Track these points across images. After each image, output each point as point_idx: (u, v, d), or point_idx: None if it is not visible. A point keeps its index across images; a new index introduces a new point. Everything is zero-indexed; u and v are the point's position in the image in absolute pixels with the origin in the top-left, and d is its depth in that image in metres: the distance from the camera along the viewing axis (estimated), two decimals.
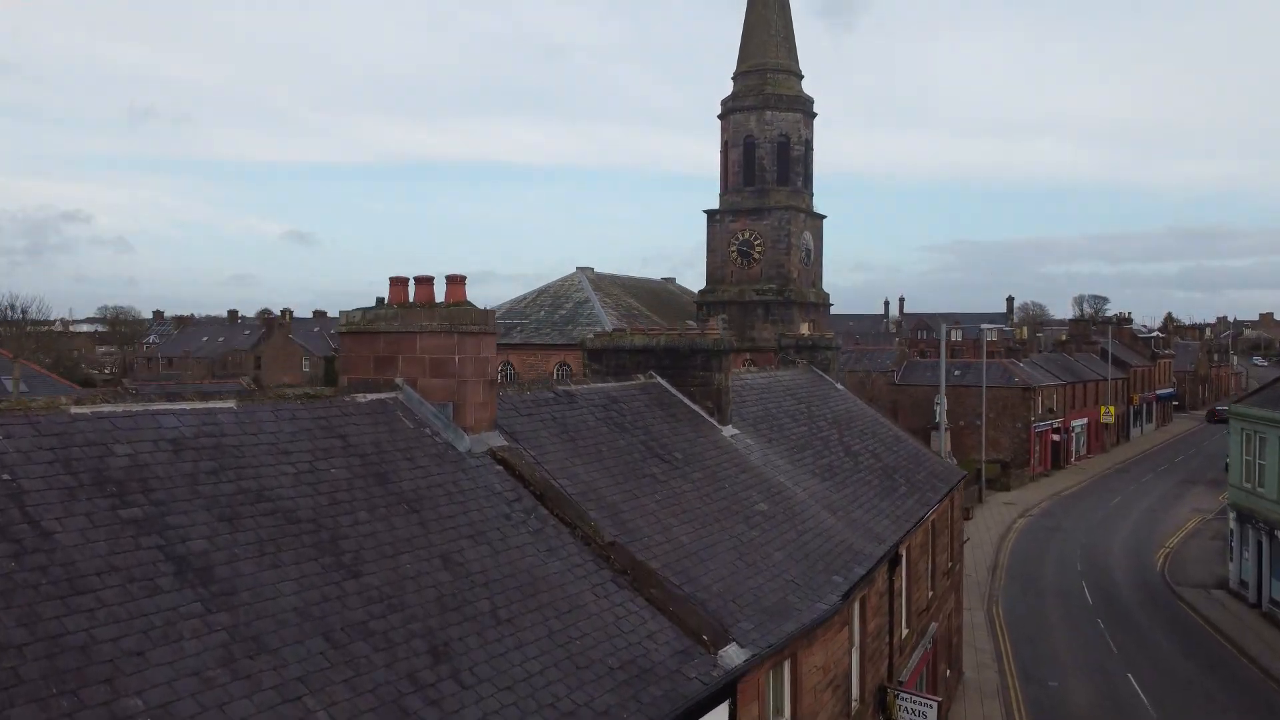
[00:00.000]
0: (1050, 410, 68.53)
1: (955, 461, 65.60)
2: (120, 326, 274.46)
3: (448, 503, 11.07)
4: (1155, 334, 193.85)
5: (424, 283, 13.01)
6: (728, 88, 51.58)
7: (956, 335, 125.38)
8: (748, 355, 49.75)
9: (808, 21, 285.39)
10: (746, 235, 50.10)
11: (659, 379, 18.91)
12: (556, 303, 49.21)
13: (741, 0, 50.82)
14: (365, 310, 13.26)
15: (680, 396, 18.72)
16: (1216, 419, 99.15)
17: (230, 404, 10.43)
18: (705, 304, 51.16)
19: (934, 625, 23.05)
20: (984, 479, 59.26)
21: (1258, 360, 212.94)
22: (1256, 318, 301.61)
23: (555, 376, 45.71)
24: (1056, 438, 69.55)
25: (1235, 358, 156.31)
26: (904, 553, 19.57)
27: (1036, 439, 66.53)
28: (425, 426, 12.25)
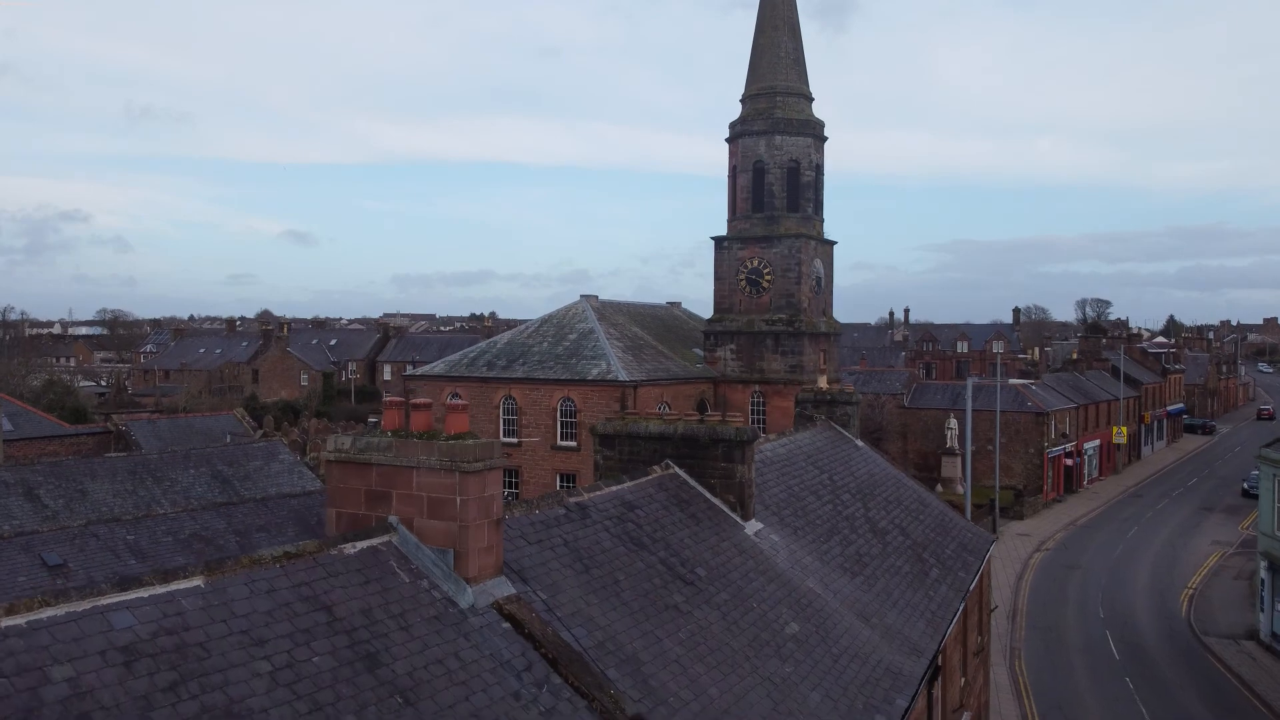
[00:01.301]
0: (1063, 435, 67.09)
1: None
2: (119, 329, 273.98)
3: (448, 685, 9.63)
4: (1162, 346, 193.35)
5: (421, 409, 11.59)
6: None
7: (963, 347, 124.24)
8: (756, 386, 48.41)
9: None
10: (755, 264, 48.67)
11: (676, 469, 17.49)
12: (560, 333, 47.77)
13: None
14: (356, 438, 11.82)
15: (700, 489, 17.30)
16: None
17: (196, 582, 9.00)
18: (713, 333, 49.74)
19: (966, 715, 21.64)
20: (998, 509, 57.79)
21: (1263, 368, 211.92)
22: (1259, 321, 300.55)
23: (559, 411, 44.29)
24: (1070, 462, 68.12)
25: (1243, 369, 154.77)
26: (941, 657, 18.15)
27: (1050, 464, 65.09)
28: (423, 578, 10.83)
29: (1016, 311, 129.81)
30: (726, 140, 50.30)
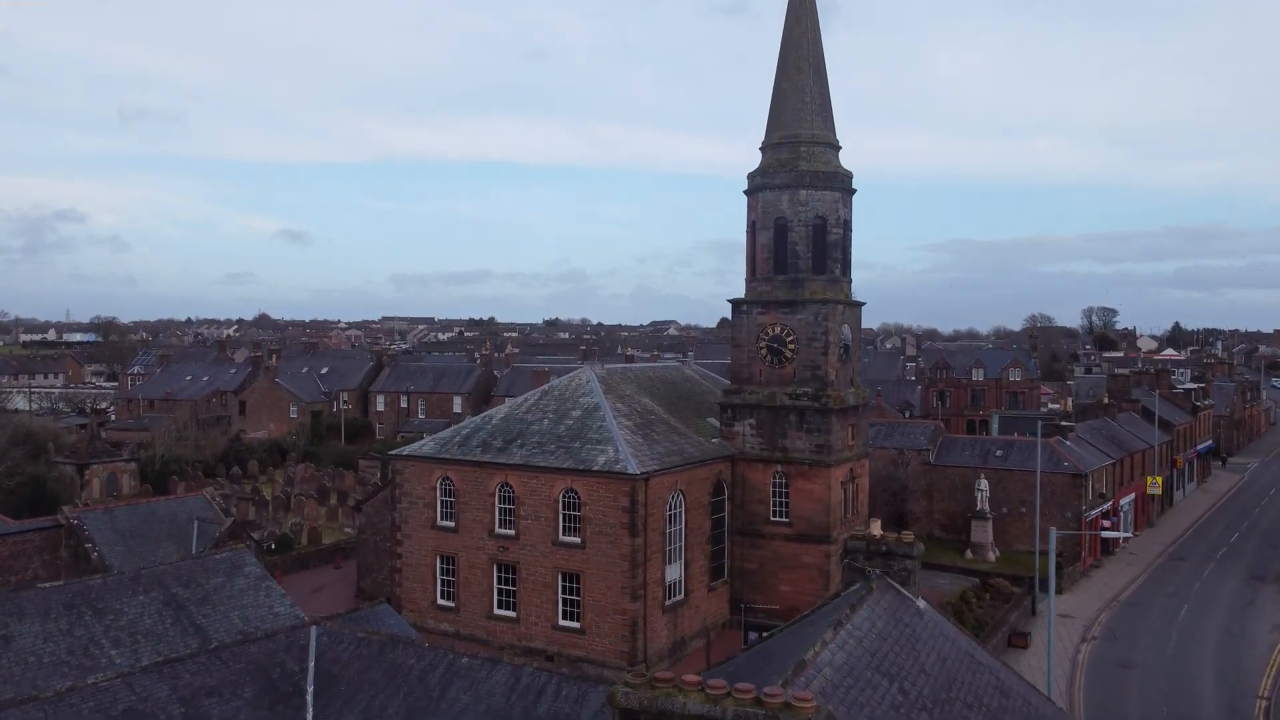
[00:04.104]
0: (1101, 495, 62.60)
1: (998, 554, 59.78)
2: (112, 335, 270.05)
3: None
4: (1172, 359, 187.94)
5: None
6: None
7: (978, 375, 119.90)
8: (778, 466, 43.94)
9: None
10: (778, 331, 44.18)
11: None
12: (562, 407, 43.25)
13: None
14: None
15: None
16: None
17: None
18: (731, 406, 45.23)
19: None
20: (1037, 585, 53.27)
21: (1277, 383, 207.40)
22: (1261, 323, 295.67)
23: (561, 503, 39.78)
24: (1107, 524, 63.58)
25: (1265, 392, 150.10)
26: None
27: (1087, 528, 60.52)
28: None
29: (1033, 337, 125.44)
30: (745, 192, 45.81)
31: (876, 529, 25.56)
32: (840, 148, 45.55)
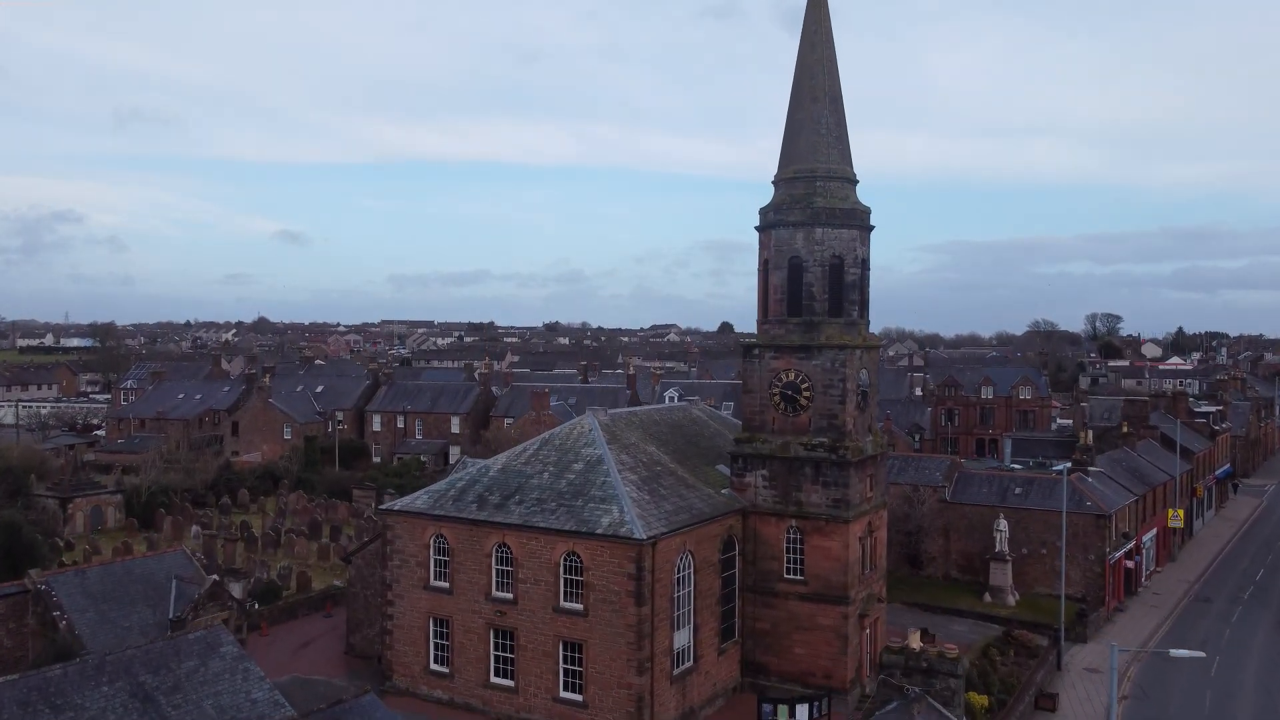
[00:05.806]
0: (1124, 534, 60.05)
1: (1018, 598, 57.09)
2: (109, 340, 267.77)
3: None
4: (1177, 366, 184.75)
5: None
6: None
7: (988, 393, 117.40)
8: (792, 520, 41.41)
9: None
10: (792, 377, 41.64)
11: None
12: (563, 459, 40.71)
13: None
14: None
15: None
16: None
17: None
18: (742, 456, 42.67)
19: None
20: (1063, 637, 50.68)
21: None
22: (1264, 328, 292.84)
23: (562, 567, 37.19)
24: (1130, 564, 61.07)
25: (1278, 407, 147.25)
26: None
27: (1110, 570, 58.00)
28: None
29: (1043, 354, 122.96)
30: (757, 229, 43.26)
31: (915, 641, 23.02)
32: (858, 181, 43.04)
